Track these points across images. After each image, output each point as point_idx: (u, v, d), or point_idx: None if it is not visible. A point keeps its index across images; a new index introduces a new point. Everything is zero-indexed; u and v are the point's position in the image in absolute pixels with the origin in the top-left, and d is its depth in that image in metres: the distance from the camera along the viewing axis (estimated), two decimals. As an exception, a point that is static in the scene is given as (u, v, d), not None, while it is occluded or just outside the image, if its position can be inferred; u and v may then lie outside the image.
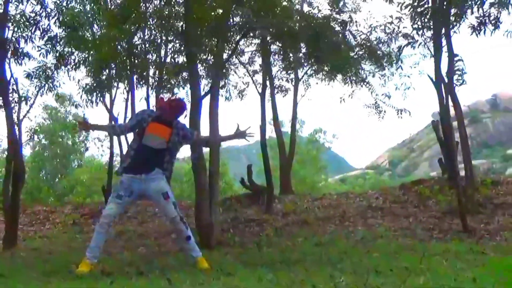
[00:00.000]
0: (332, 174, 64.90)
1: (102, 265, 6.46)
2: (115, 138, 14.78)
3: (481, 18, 9.71)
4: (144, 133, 6.35)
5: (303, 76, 17.73)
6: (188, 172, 31.62)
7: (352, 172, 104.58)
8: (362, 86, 15.61)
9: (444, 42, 10.89)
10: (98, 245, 6.17)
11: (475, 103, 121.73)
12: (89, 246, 6.20)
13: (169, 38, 13.75)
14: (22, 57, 12.45)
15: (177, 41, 13.18)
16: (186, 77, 14.53)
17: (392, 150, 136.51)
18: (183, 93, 15.76)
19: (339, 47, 11.82)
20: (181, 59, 13.80)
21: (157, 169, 6.25)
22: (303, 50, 13.00)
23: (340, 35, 12.50)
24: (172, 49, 13.92)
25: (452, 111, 11.33)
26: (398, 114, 16.36)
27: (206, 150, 9.86)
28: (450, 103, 11.02)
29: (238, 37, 11.15)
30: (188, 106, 8.78)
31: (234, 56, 13.82)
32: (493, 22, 9.67)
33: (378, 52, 13.83)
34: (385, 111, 16.69)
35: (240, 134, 6.75)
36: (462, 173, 11.13)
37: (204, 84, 13.72)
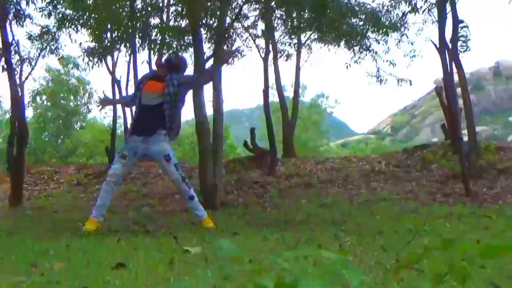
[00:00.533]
0: (334, 139, 64.99)
1: (108, 224, 6.52)
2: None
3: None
4: (141, 94, 6.35)
5: (306, 41, 17.62)
6: (190, 134, 31.64)
7: (354, 137, 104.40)
8: (366, 54, 15.49)
9: (448, 8, 10.80)
10: (104, 204, 6.20)
11: (478, 71, 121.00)
12: (95, 205, 6.24)
13: (171, 2, 13.62)
14: (23, 19, 12.35)
15: (179, 4, 13.05)
16: (189, 41, 14.45)
17: (394, 116, 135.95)
18: (186, 56, 15.68)
19: (344, 14, 11.70)
20: (183, 22, 13.70)
21: (159, 130, 6.22)
22: (307, 16, 12.87)
23: (346, 1, 12.36)
24: (175, 12, 13.81)
25: (455, 78, 11.27)
26: (398, 83, 16.45)
27: (210, 113, 9.86)
28: (454, 70, 10.98)
29: (241, 2, 11.05)
30: (191, 70, 8.71)
31: (237, 21, 13.68)
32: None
33: (382, 19, 13.68)
34: (386, 80, 16.78)
35: (228, 52, 6.73)
36: (465, 139, 11.13)
37: (207, 48, 13.62)
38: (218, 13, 10.73)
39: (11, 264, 3.23)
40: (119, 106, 15.41)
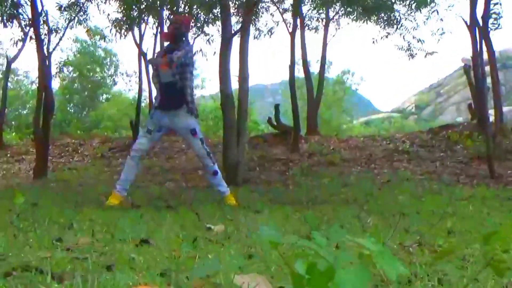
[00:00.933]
0: (357, 117, 64.55)
1: (131, 198, 6.58)
2: (143, 72, 14.76)
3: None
4: (159, 71, 6.33)
5: (333, 16, 17.46)
6: (214, 109, 31.67)
7: (378, 115, 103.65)
8: (396, 28, 15.26)
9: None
10: (128, 178, 6.26)
11: (506, 49, 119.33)
12: (119, 179, 6.30)
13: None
14: None
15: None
16: (216, 14, 14.42)
17: (419, 94, 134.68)
18: (213, 29, 15.70)
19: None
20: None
21: (183, 105, 6.22)
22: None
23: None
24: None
25: (484, 56, 11.10)
26: (426, 56, 16.26)
27: (235, 87, 9.85)
28: (483, 48, 10.82)
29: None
30: (218, 44, 8.64)
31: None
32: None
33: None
34: (416, 54, 16.52)
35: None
36: (491, 119, 11.01)
37: (234, 22, 13.57)
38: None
39: (35, 237, 3.27)
40: (144, 80, 15.42)
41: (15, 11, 12.08)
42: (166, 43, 6.67)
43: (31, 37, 12.37)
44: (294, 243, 1.28)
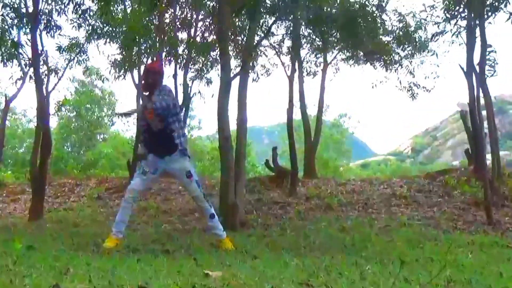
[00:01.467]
0: (354, 159, 64.65)
1: (128, 241, 6.53)
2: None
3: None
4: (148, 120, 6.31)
5: (332, 60, 17.66)
6: (211, 150, 31.71)
7: (374, 157, 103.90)
8: (396, 70, 15.26)
9: (478, 32, 10.77)
10: (123, 220, 6.23)
11: (502, 94, 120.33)
12: (115, 221, 6.27)
13: (199, 17, 13.72)
14: (54, 30, 12.38)
15: (207, 20, 13.16)
16: (215, 57, 14.55)
17: (415, 137, 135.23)
18: (213, 73, 15.84)
19: (376, 32, 11.69)
20: (210, 37, 13.82)
21: (175, 150, 6.24)
22: (336, 35, 12.92)
23: (377, 20, 12.37)
24: (203, 27, 13.94)
25: (481, 101, 11.21)
26: (429, 90, 16.37)
27: (233, 129, 9.88)
28: (480, 94, 10.92)
29: (271, 20, 11.08)
30: (216, 86, 8.67)
31: (265, 38, 13.74)
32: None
33: (414, 36, 13.58)
34: (417, 93, 16.66)
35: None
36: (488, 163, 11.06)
37: (234, 66, 13.68)
38: (247, 30, 10.78)
39: (32, 283, 3.23)
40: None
41: (15, 51, 12.14)
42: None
43: (30, 77, 12.39)
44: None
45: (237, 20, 11.44)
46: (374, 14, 12.41)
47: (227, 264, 4.81)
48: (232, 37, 11.80)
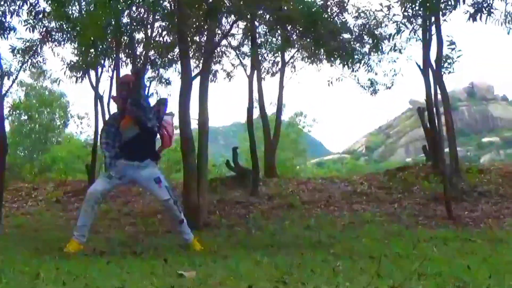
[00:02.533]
0: (310, 158, 65.07)
1: (93, 244, 6.44)
2: (99, 115, 14.52)
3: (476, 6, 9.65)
4: (120, 135, 6.27)
5: (289, 59, 17.73)
6: (168, 152, 31.46)
7: (329, 156, 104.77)
8: (356, 68, 15.23)
9: (434, 30, 10.95)
10: (85, 224, 6.13)
11: (453, 91, 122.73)
12: (76, 226, 6.19)
13: (156, 17, 13.60)
14: (8, 31, 12.00)
15: (165, 21, 13.06)
16: (173, 57, 14.46)
17: (369, 135, 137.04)
18: (170, 72, 15.72)
19: (338, 31, 11.74)
20: (169, 38, 13.72)
21: (148, 157, 6.22)
22: (295, 35, 12.94)
23: (338, 19, 12.45)
24: (160, 28, 13.84)
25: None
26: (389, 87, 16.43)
27: (194, 130, 9.85)
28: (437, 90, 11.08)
29: (231, 21, 11.06)
30: (173, 86, 8.61)
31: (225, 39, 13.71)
32: (487, 9, 9.64)
33: (376, 34, 13.62)
34: (378, 89, 16.74)
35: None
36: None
37: (193, 66, 13.59)
38: (206, 31, 10.74)
39: (5, 289, 3.17)
40: (100, 122, 15.20)
41: None
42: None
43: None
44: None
45: (196, 21, 11.37)
46: (334, 13, 12.47)
47: (198, 264, 4.80)
48: (191, 37, 11.73)
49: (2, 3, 11.66)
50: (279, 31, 13.10)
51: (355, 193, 11.96)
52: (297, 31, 12.01)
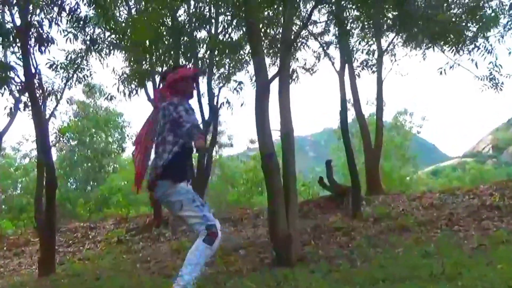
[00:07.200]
0: (422, 166, 64.03)
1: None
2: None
3: None
4: None
5: (388, 46, 17.46)
6: (247, 171, 31.67)
7: (447, 162, 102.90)
8: (470, 52, 14.77)
9: None
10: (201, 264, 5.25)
11: None
12: (182, 273, 5.10)
13: (220, 10, 13.71)
14: (46, 44, 11.88)
15: (229, 14, 13.16)
16: (244, 57, 14.54)
17: (495, 132, 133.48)
18: (243, 76, 15.82)
19: (434, 9, 11.52)
20: (235, 35, 13.81)
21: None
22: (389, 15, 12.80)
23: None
24: (225, 23, 13.93)
25: None
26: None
27: (277, 144, 9.79)
28: None
29: (310, 6, 11.03)
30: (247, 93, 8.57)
31: (305, 28, 13.58)
32: None
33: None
34: (502, 83, 15.70)
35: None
36: None
37: (269, 65, 13.58)
38: (282, 20, 10.70)
39: None
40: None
41: (5, 75, 11.90)
42: None
43: (25, 104, 12.45)
44: None
45: (268, 10, 11.43)
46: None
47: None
48: (264, 30, 11.77)
49: (38, 11, 11.97)
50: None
51: (483, 207, 11.70)
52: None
